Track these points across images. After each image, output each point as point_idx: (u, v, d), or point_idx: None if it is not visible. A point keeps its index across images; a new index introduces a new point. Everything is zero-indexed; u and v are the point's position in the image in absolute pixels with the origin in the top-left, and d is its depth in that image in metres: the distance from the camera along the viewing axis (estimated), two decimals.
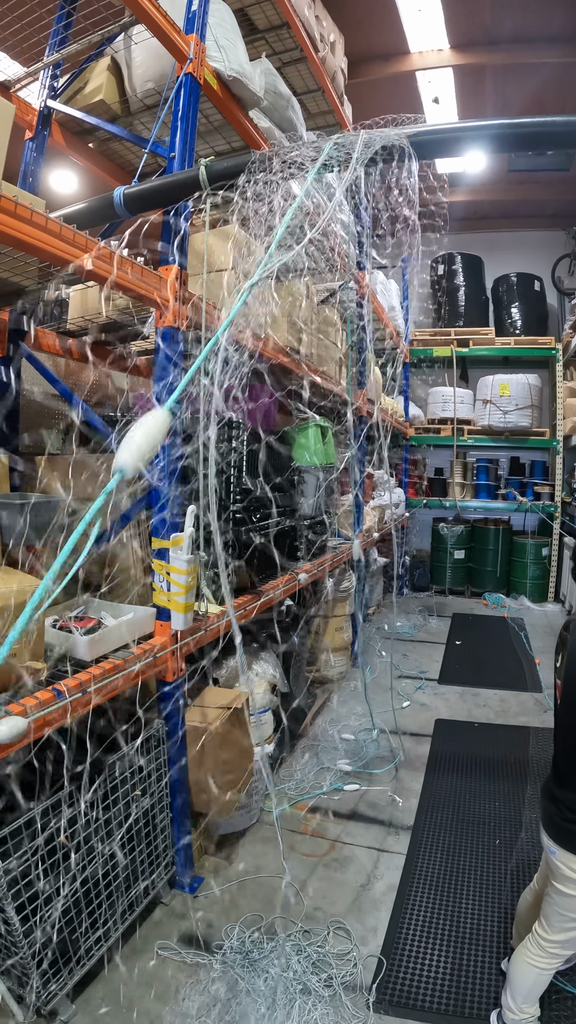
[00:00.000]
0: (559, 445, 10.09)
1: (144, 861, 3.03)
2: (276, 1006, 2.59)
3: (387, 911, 3.24)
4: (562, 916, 2.36)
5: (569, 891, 2.30)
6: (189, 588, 3.01)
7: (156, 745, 3.08)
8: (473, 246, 11.42)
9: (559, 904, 2.35)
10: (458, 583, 10.70)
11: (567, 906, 2.33)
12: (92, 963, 2.70)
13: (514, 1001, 2.47)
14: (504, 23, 7.25)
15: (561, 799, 2.34)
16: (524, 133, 2.47)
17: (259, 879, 3.44)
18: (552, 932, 2.39)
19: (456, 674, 6.85)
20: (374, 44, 7.72)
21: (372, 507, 7.69)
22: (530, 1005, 2.47)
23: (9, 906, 2.25)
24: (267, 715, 3.99)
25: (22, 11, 3.58)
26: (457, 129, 2.59)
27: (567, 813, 2.31)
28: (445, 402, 10.98)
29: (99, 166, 4.21)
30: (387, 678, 6.52)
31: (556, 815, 2.35)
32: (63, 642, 2.77)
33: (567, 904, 2.33)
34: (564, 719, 2.36)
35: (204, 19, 3.25)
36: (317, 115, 5.41)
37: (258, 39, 4.42)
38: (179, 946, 2.94)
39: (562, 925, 2.36)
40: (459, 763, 4.78)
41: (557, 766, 2.42)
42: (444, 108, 8.66)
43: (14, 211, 2.16)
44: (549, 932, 2.39)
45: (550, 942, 2.39)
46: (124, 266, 2.75)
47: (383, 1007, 2.66)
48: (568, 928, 2.36)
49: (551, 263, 11.12)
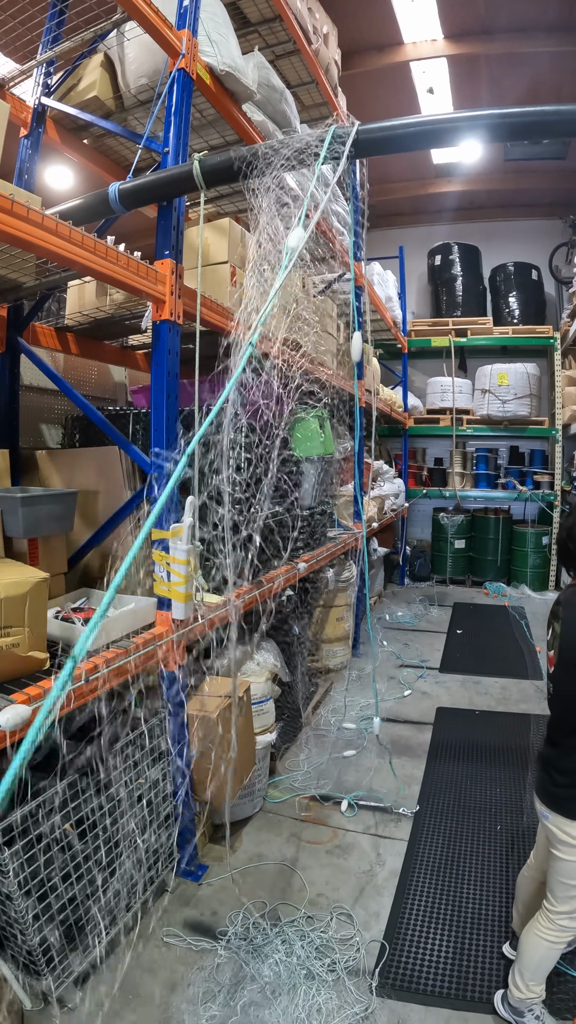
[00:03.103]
0: (558, 434, 10.10)
1: (149, 849, 3.06)
2: (281, 991, 2.63)
3: (389, 896, 3.27)
4: (564, 884, 2.40)
5: (565, 856, 2.36)
6: (189, 578, 3.04)
7: (159, 734, 3.11)
8: (470, 236, 11.40)
9: (559, 871, 2.41)
10: (459, 572, 10.72)
11: (566, 872, 2.38)
12: (99, 950, 2.73)
13: (521, 978, 2.50)
14: (498, 12, 7.22)
15: (552, 765, 2.43)
16: (518, 122, 2.47)
17: (263, 866, 3.48)
18: (558, 903, 2.43)
19: (457, 663, 6.89)
20: (368, 35, 7.70)
21: (372, 497, 7.71)
22: (537, 984, 2.49)
23: (17, 893, 2.28)
24: (268, 704, 4.02)
25: (15, 9, 3.59)
26: (451, 119, 2.58)
27: (558, 778, 2.39)
28: (444, 392, 10.98)
29: (94, 162, 4.22)
30: (388, 667, 6.58)
31: (547, 781, 2.44)
32: (65, 632, 2.80)
33: (565, 870, 2.38)
34: (557, 687, 2.44)
35: (196, 14, 3.25)
36: (311, 107, 5.41)
37: (251, 32, 4.43)
38: (184, 933, 2.98)
39: (566, 894, 2.41)
40: (460, 750, 4.82)
41: (550, 734, 2.51)
42: (439, 98, 8.63)
43: (10, 208, 2.18)
44: (555, 903, 2.44)
45: (557, 913, 2.43)
46: (120, 261, 2.77)
47: (386, 991, 2.70)
48: (572, 896, 2.40)
49: (548, 252, 11.09)
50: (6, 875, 2.26)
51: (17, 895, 2.29)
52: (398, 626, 8.28)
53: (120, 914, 2.88)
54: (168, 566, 3.04)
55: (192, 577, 3.07)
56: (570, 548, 2.49)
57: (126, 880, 2.90)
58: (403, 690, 6.01)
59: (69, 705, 2.39)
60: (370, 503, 7.55)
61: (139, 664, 2.83)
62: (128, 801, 2.87)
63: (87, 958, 2.67)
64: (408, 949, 2.93)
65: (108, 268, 2.70)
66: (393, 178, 10.68)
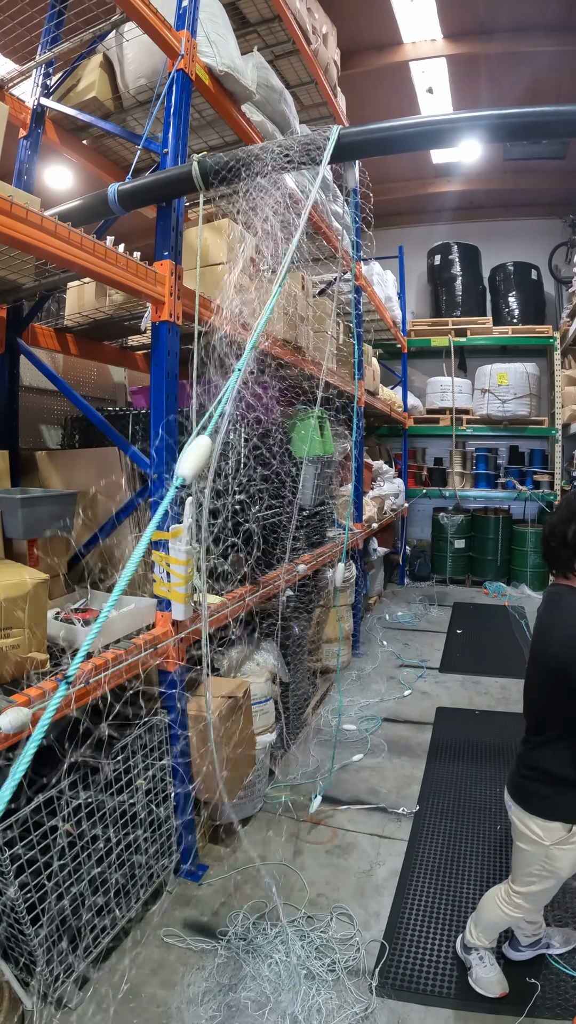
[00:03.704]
0: (558, 433, 10.09)
1: (148, 849, 3.07)
2: (280, 990, 2.63)
3: (389, 896, 3.28)
4: (523, 871, 2.51)
5: (524, 846, 2.46)
6: (188, 579, 3.05)
7: (158, 734, 3.11)
8: (469, 235, 11.40)
9: (519, 858, 2.52)
10: (459, 572, 10.73)
11: (525, 860, 2.48)
12: (98, 950, 2.74)
13: (475, 927, 2.74)
14: (498, 12, 7.22)
15: (521, 759, 2.51)
16: (517, 123, 2.47)
17: (262, 866, 3.48)
18: (517, 885, 2.56)
19: (457, 662, 6.89)
20: (367, 35, 7.71)
21: (371, 497, 7.71)
22: (486, 937, 2.72)
23: (16, 894, 2.28)
24: (268, 704, 4.03)
25: (14, 10, 3.59)
26: (451, 120, 2.58)
27: (523, 769, 2.48)
28: (444, 392, 10.99)
29: (93, 163, 4.22)
30: (388, 667, 6.58)
31: (515, 773, 2.52)
32: (65, 633, 2.80)
33: (524, 859, 2.48)
34: (525, 684, 2.51)
35: (195, 15, 3.25)
36: (311, 107, 5.42)
37: (250, 32, 4.43)
38: (184, 933, 2.98)
39: (524, 879, 2.52)
40: (460, 750, 4.82)
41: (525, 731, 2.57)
42: (438, 98, 8.64)
43: (10, 210, 2.19)
44: (515, 884, 2.57)
45: (515, 893, 2.57)
46: (119, 262, 2.77)
47: (386, 991, 2.70)
48: (529, 882, 2.50)
49: (548, 251, 11.10)
50: (6, 875, 2.26)
51: (17, 895, 2.29)
52: (398, 626, 8.29)
53: (120, 914, 2.88)
54: (168, 567, 3.05)
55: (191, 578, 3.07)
56: (552, 546, 2.43)
57: (126, 880, 2.90)
58: (403, 690, 6.01)
59: (69, 707, 2.39)
60: (370, 503, 7.56)
61: (139, 665, 2.83)
62: (128, 801, 2.87)
63: (87, 958, 2.67)
64: (408, 949, 2.93)
65: (107, 269, 2.71)
66: (393, 178, 10.68)
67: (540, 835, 2.38)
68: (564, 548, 2.36)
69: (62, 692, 1.34)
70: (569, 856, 2.39)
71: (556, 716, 2.36)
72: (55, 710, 1.34)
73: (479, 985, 2.67)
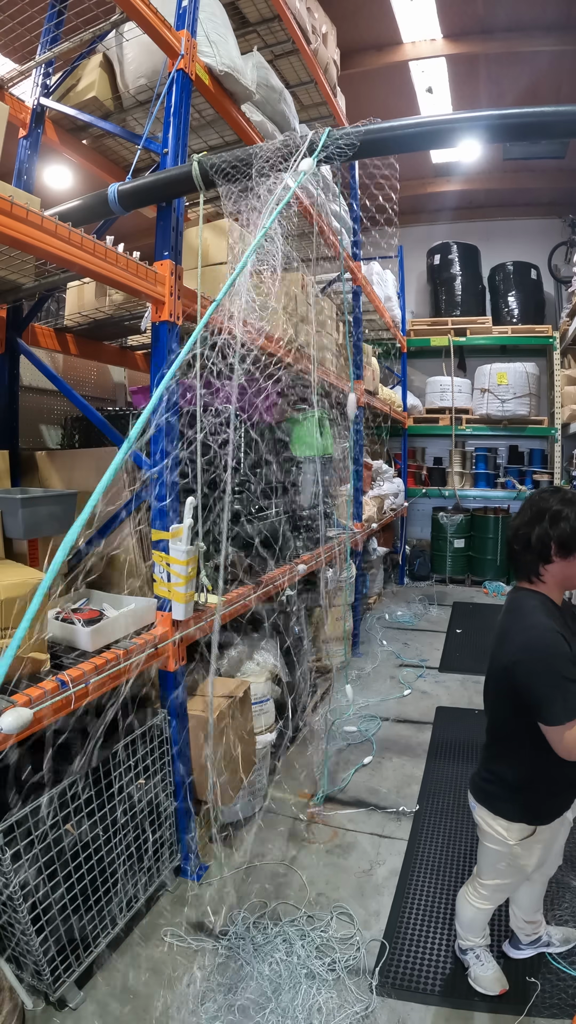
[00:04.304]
0: (557, 433, 10.09)
1: (149, 849, 3.07)
2: (281, 990, 2.64)
3: (389, 896, 3.28)
4: (488, 865, 2.57)
5: (489, 845, 2.50)
6: (189, 578, 3.05)
7: (159, 734, 3.12)
8: (469, 235, 11.40)
9: (484, 856, 2.58)
10: (458, 572, 10.73)
11: (490, 858, 2.53)
12: (99, 950, 2.74)
13: (460, 928, 2.80)
14: (497, 12, 7.22)
15: (483, 762, 2.55)
16: (516, 124, 2.47)
17: (263, 866, 3.48)
18: (483, 877, 2.62)
19: (457, 662, 6.89)
20: (366, 35, 7.70)
21: (371, 497, 7.71)
22: (474, 935, 2.75)
23: (17, 894, 2.29)
24: (268, 704, 4.03)
25: (14, 10, 3.59)
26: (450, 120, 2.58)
27: (484, 772, 2.52)
28: (443, 391, 10.98)
29: (93, 163, 4.22)
30: (388, 666, 6.59)
31: (478, 776, 2.55)
32: (66, 633, 2.81)
33: (490, 856, 2.53)
34: (485, 683, 2.49)
35: (195, 14, 3.25)
36: (310, 107, 5.42)
37: (249, 32, 4.43)
38: (185, 932, 2.98)
39: (488, 873, 2.58)
40: (460, 750, 4.83)
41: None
42: (438, 98, 8.64)
43: (10, 210, 2.19)
44: (481, 878, 2.63)
45: (482, 884, 2.63)
46: (119, 262, 2.77)
47: (386, 990, 2.70)
48: (494, 876, 2.57)
49: (547, 251, 11.09)
50: (6, 876, 2.26)
51: (17, 895, 2.29)
52: (398, 625, 8.29)
53: (121, 914, 2.88)
54: (168, 567, 3.05)
55: (192, 578, 3.08)
56: (515, 550, 2.34)
57: (127, 880, 2.90)
58: (403, 689, 6.01)
59: (70, 707, 2.40)
60: (369, 502, 7.56)
61: (139, 665, 2.83)
62: (129, 801, 2.87)
63: (88, 958, 2.68)
64: (408, 948, 2.94)
65: (107, 269, 2.71)
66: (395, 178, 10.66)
67: (504, 835, 2.41)
68: (527, 552, 2.28)
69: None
70: (534, 853, 2.43)
71: (511, 726, 2.36)
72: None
73: (478, 984, 2.69)
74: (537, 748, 2.19)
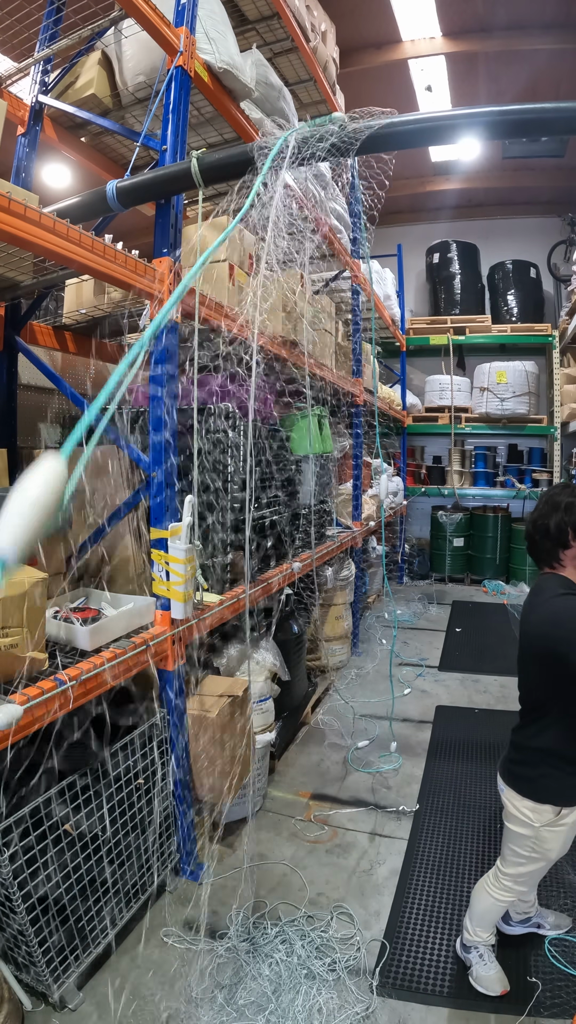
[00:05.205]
0: (557, 432, 10.09)
1: (148, 849, 3.06)
2: (281, 990, 2.63)
3: (390, 895, 3.27)
4: (513, 851, 2.56)
5: (514, 828, 2.52)
6: (188, 577, 3.04)
7: (157, 733, 3.11)
8: (468, 234, 11.41)
9: (510, 840, 2.58)
10: (457, 571, 10.73)
11: (516, 842, 2.54)
12: (98, 951, 2.73)
13: (471, 922, 2.75)
14: (497, 10, 7.22)
15: (513, 741, 2.60)
16: (516, 120, 2.46)
17: (262, 866, 3.47)
18: (506, 866, 2.62)
19: (456, 661, 6.89)
20: (366, 33, 7.70)
21: (370, 495, 7.71)
22: (483, 930, 2.72)
23: (16, 894, 2.28)
24: (268, 703, 4.02)
25: (11, 7, 3.58)
26: (449, 117, 2.57)
27: (514, 754, 2.57)
28: (442, 390, 10.99)
29: (92, 160, 4.21)
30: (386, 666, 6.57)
31: (507, 757, 2.62)
32: (64, 632, 2.79)
33: (514, 840, 2.54)
34: (518, 663, 2.56)
35: (194, 11, 3.24)
36: (309, 105, 5.40)
37: (248, 30, 4.42)
38: (184, 932, 2.97)
39: (513, 859, 2.57)
40: (460, 749, 4.82)
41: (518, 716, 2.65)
42: (437, 96, 8.63)
43: (8, 207, 2.17)
44: (504, 866, 2.62)
45: (504, 874, 2.62)
46: (118, 259, 2.76)
47: (386, 990, 2.69)
48: (518, 863, 2.56)
49: (547, 250, 11.08)
50: (5, 876, 2.25)
51: (16, 896, 2.28)
52: (397, 624, 8.27)
53: (120, 914, 2.87)
54: (167, 565, 3.04)
55: (191, 576, 3.07)
56: (536, 539, 2.51)
57: (126, 880, 2.89)
58: (402, 688, 6.00)
59: (69, 705, 2.39)
60: (368, 501, 7.55)
61: (138, 664, 2.82)
62: (128, 801, 2.86)
63: (87, 958, 2.67)
64: (409, 948, 2.93)
65: (106, 266, 2.69)
66: (391, 175, 10.64)
67: (530, 817, 2.43)
68: (547, 539, 2.45)
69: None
70: (558, 838, 2.45)
71: (544, 699, 2.42)
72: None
73: (480, 984, 2.67)
74: (564, 717, 2.35)
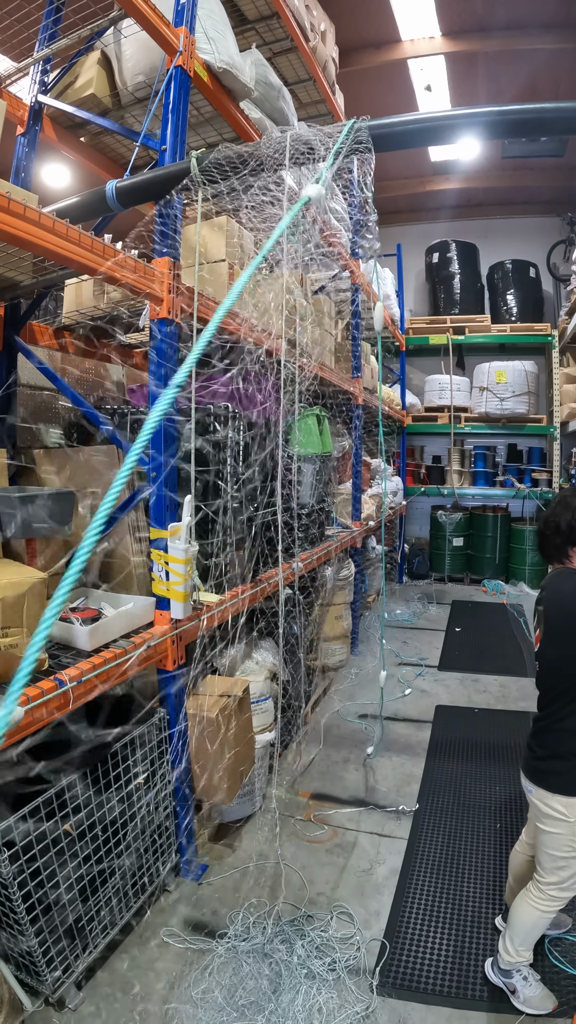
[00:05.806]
0: (556, 431, 10.09)
1: (148, 849, 3.06)
2: (281, 990, 2.63)
3: (389, 895, 3.27)
4: (551, 856, 2.50)
5: (549, 828, 2.47)
6: (187, 577, 3.04)
7: (158, 733, 3.10)
8: (468, 233, 11.41)
9: (545, 844, 2.51)
10: (457, 570, 10.73)
11: (552, 844, 2.48)
12: (98, 951, 2.73)
13: (512, 943, 2.61)
14: (496, 10, 7.21)
15: (534, 738, 2.57)
16: (515, 120, 2.46)
17: (262, 865, 3.47)
18: (547, 874, 2.53)
19: (456, 661, 6.89)
20: (365, 32, 7.70)
21: (370, 495, 7.71)
22: (526, 949, 2.60)
23: (16, 895, 2.27)
24: (267, 703, 4.02)
25: (11, 7, 3.58)
26: (448, 116, 2.57)
27: (537, 751, 2.52)
28: (442, 390, 10.99)
29: (91, 160, 4.21)
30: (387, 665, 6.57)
31: (531, 757, 2.56)
32: (64, 632, 2.79)
33: (551, 842, 2.48)
34: (543, 660, 2.54)
35: (193, 11, 3.24)
36: (309, 104, 5.41)
37: (248, 29, 4.42)
38: (184, 932, 2.97)
39: (553, 865, 2.50)
40: (460, 748, 4.82)
41: (537, 711, 2.61)
42: (436, 96, 8.63)
43: (7, 207, 2.17)
44: (544, 875, 2.55)
45: (547, 884, 2.53)
46: (117, 259, 2.76)
47: (387, 990, 2.69)
48: (559, 867, 2.50)
49: (546, 249, 11.09)
50: (5, 877, 2.25)
51: (16, 896, 2.28)
52: (397, 624, 8.29)
53: (120, 914, 2.87)
54: (166, 565, 3.04)
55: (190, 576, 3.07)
56: (547, 535, 2.56)
57: (126, 880, 2.89)
58: (402, 688, 6.01)
59: (68, 706, 2.39)
60: (368, 501, 7.55)
61: (137, 664, 2.82)
62: (128, 801, 2.86)
63: (87, 958, 2.67)
64: (409, 947, 2.93)
65: (105, 266, 2.69)
66: (391, 175, 10.67)
67: (564, 812, 2.40)
68: (557, 535, 2.52)
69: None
70: None
71: (569, 684, 2.42)
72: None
73: (529, 1005, 2.57)
74: None
